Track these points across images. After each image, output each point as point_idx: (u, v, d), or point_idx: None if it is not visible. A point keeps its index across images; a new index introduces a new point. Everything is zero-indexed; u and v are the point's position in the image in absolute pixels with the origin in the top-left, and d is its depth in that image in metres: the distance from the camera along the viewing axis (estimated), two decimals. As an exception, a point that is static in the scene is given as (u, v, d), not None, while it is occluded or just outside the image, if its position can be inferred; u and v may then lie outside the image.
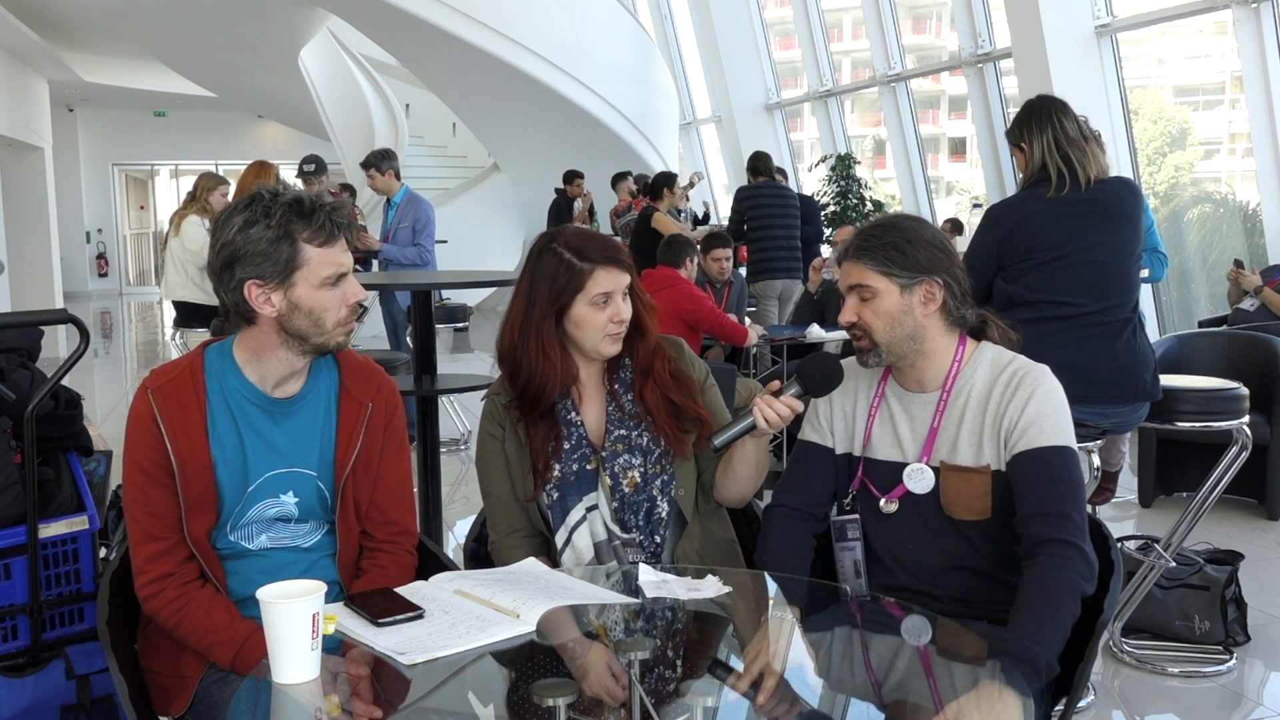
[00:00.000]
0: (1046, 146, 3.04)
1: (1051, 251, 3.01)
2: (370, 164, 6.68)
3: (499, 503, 2.05)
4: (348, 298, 1.79)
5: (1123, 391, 3.03)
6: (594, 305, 1.94)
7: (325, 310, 1.77)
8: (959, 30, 9.57)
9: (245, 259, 1.73)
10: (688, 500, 2.02)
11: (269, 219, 1.72)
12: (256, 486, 1.83)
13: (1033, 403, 1.83)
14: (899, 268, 1.87)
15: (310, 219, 1.74)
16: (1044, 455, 1.81)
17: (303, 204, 1.75)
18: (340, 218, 1.77)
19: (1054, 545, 1.75)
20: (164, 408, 1.78)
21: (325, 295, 1.76)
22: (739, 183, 9.38)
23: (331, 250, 1.76)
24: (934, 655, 1.64)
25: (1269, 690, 3.17)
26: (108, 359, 11.21)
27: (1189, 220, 8.95)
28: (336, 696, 1.45)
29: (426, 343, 3.83)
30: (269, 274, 1.73)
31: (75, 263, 18.29)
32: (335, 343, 1.81)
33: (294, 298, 1.75)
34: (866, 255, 1.89)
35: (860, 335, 1.92)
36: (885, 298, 1.88)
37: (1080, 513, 1.80)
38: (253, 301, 1.75)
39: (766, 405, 1.88)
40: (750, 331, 5.32)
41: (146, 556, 1.79)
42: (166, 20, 11.48)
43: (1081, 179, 3.00)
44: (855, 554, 1.96)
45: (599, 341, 1.96)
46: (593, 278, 1.93)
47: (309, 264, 1.74)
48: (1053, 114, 3.07)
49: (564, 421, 2.01)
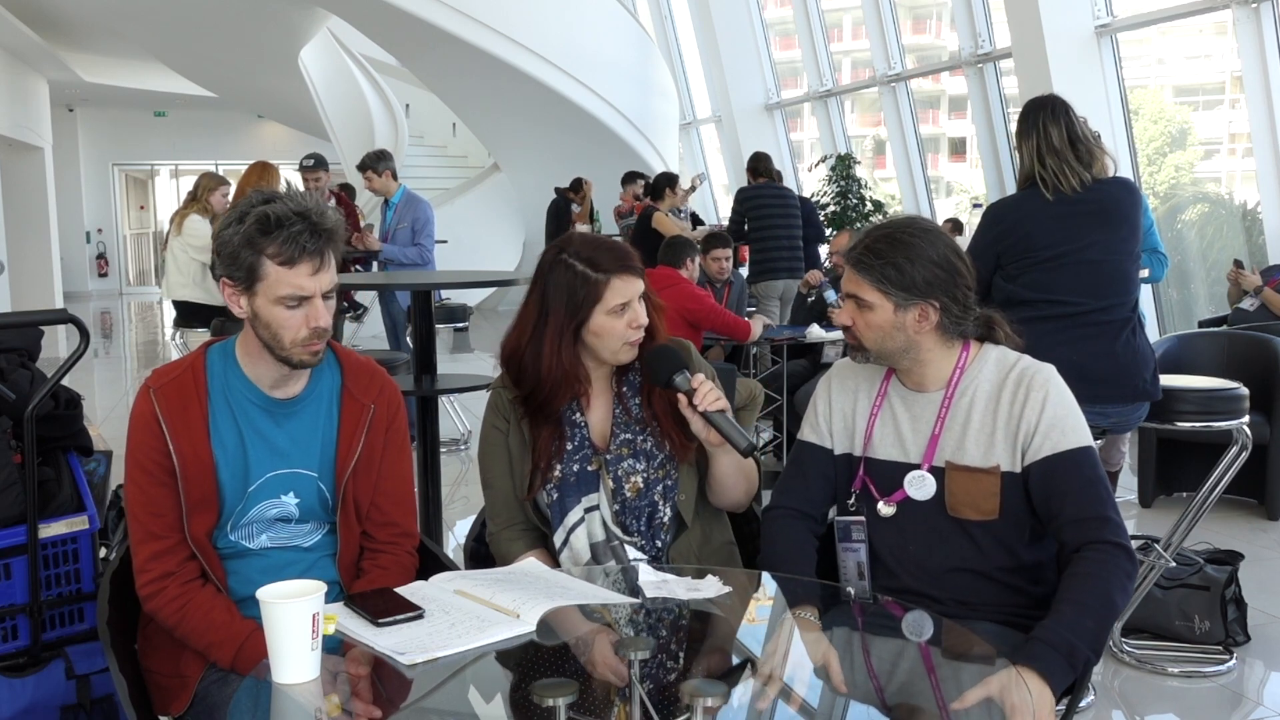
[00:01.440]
0: (1032, 153, 3.06)
1: (1048, 251, 3.01)
2: (367, 166, 6.66)
3: (499, 495, 2.04)
4: (309, 320, 1.75)
5: (1123, 391, 3.03)
6: (612, 314, 1.92)
7: (282, 328, 1.75)
8: (959, 30, 9.57)
9: (221, 257, 1.75)
10: (688, 505, 2.01)
11: (241, 224, 1.72)
12: (257, 487, 1.83)
13: (1049, 406, 1.83)
14: (895, 287, 1.85)
15: (272, 235, 1.70)
16: (1072, 457, 1.81)
17: (270, 219, 1.71)
18: (312, 242, 1.71)
19: (1102, 546, 1.75)
20: (166, 407, 1.78)
21: (283, 313, 1.74)
22: (739, 183, 9.38)
23: (293, 272, 1.72)
24: (936, 656, 1.64)
25: (1269, 690, 3.17)
26: (108, 359, 11.21)
27: (1189, 220, 8.95)
28: (336, 696, 1.45)
29: (426, 343, 3.83)
30: (236, 278, 1.75)
31: (75, 263, 18.29)
32: (297, 359, 1.78)
33: (255, 306, 1.75)
34: (865, 270, 1.88)
35: (853, 337, 1.93)
36: (879, 312, 1.87)
37: (1117, 512, 1.81)
38: (227, 299, 1.78)
39: (702, 404, 1.89)
40: (754, 324, 5.31)
41: (147, 556, 1.79)
42: (166, 20, 11.49)
43: (1065, 187, 3.00)
44: (859, 555, 1.96)
45: (618, 349, 1.95)
46: (609, 288, 1.91)
47: (267, 279, 1.73)
48: (1040, 120, 3.07)
49: (568, 422, 2.00)
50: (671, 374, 1.91)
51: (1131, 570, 1.76)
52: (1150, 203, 8.44)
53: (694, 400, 1.89)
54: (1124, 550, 1.76)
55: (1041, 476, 1.82)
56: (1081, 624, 1.67)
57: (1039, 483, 1.82)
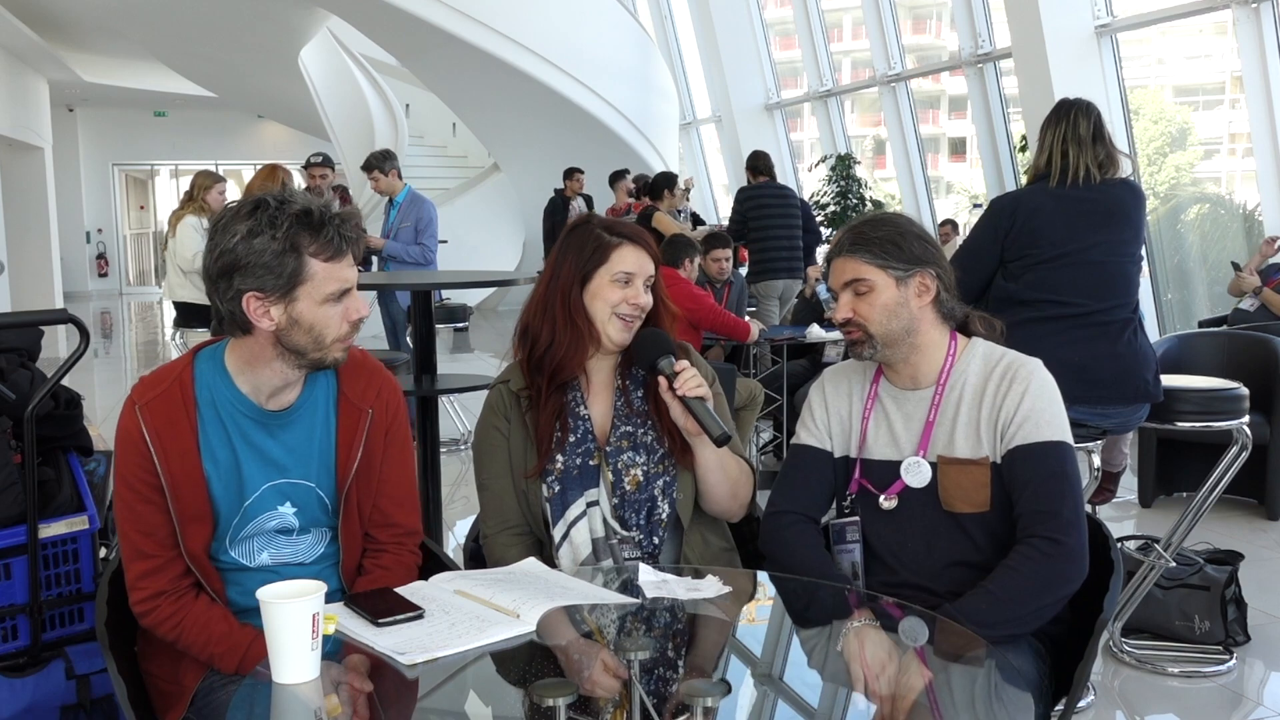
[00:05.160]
0: (1055, 139, 3.10)
1: (1053, 249, 3.02)
2: (372, 166, 6.66)
3: (495, 497, 2.03)
4: (349, 313, 1.73)
5: (1124, 392, 3.03)
6: (615, 282, 1.95)
7: (326, 327, 1.71)
8: (959, 30, 9.57)
9: (246, 269, 1.65)
10: (686, 505, 2.00)
11: (274, 229, 1.64)
12: (253, 500, 1.79)
13: (1028, 397, 1.84)
14: (895, 260, 1.89)
15: (319, 232, 1.67)
16: (1038, 450, 1.82)
17: (311, 215, 1.67)
18: (349, 231, 1.70)
19: (1039, 541, 1.77)
20: (152, 425, 1.72)
21: (327, 311, 1.70)
22: (739, 183, 9.38)
23: (338, 265, 1.69)
24: (931, 656, 1.64)
25: (1269, 690, 3.17)
26: (108, 359, 11.21)
27: (1189, 220, 8.95)
28: (336, 697, 1.45)
29: (426, 343, 3.83)
30: (270, 287, 1.66)
31: (75, 263, 18.29)
32: (332, 358, 1.75)
33: (295, 312, 1.68)
34: (862, 249, 1.91)
35: (855, 329, 1.93)
36: (882, 291, 1.89)
37: (1073, 508, 1.80)
38: (250, 314, 1.68)
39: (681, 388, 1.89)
40: (752, 326, 5.32)
41: (138, 574, 1.75)
42: (166, 20, 11.49)
43: (1080, 176, 3.03)
44: (854, 556, 1.97)
45: (607, 320, 1.96)
46: (618, 252, 1.96)
47: (314, 279, 1.68)
48: (1072, 111, 3.12)
49: (571, 414, 2.00)
50: (657, 356, 1.93)
51: (1066, 569, 1.77)
52: (1150, 203, 8.45)
53: (674, 384, 1.89)
54: (1061, 546, 1.76)
55: (1010, 466, 1.84)
56: (976, 607, 1.72)
57: (1008, 472, 1.84)
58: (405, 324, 6.32)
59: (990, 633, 1.66)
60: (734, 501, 2.03)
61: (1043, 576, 1.76)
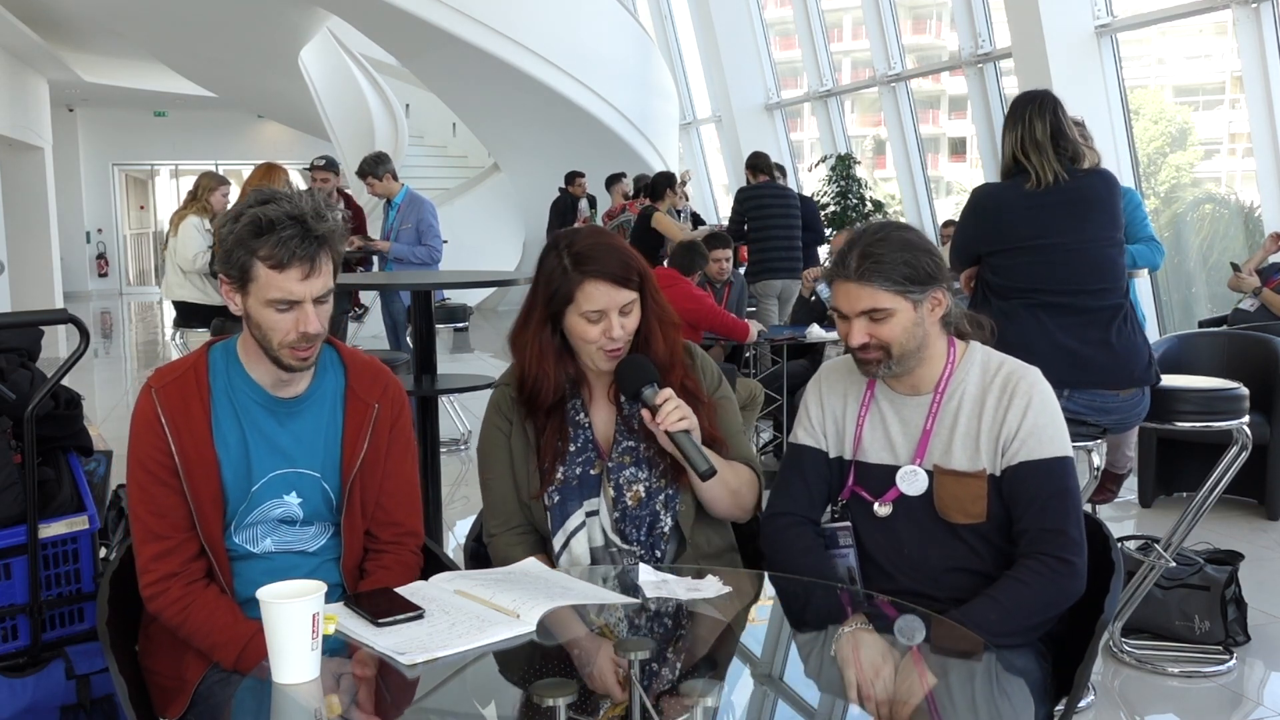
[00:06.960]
0: (1015, 144, 3.10)
1: (1028, 241, 3.03)
2: (366, 172, 6.62)
3: (498, 497, 2.02)
4: (298, 325, 1.74)
5: (1117, 377, 3.02)
6: (585, 319, 1.86)
7: (272, 330, 1.74)
8: (959, 30, 9.57)
9: (220, 253, 1.76)
10: (688, 516, 1.98)
11: (235, 223, 1.72)
12: (260, 487, 1.82)
13: (1030, 412, 1.84)
14: (912, 283, 1.84)
15: (263, 238, 1.69)
16: (1043, 467, 1.82)
17: (261, 222, 1.69)
18: (304, 247, 1.69)
19: (1047, 559, 1.78)
20: (168, 407, 1.78)
21: (273, 315, 1.73)
22: (739, 183, 9.38)
23: (283, 276, 1.71)
24: (928, 655, 1.63)
25: (1269, 690, 3.17)
26: (108, 359, 11.21)
27: (1189, 220, 8.94)
28: (336, 697, 1.45)
29: (426, 343, 3.83)
30: (231, 275, 1.75)
31: (75, 263, 18.28)
32: (285, 362, 1.77)
33: (248, 306, 1.76)
34: (877, 276, 1.83)
35: (875, 351, 1.87)
36: (900, 316, 1.85)
37: (1077, 526, 1.81)
38: (225, 296, 1.78)
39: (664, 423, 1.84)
40: (751, 327, 5.32)
41: (150, 556, 1.78)
42: (166, 20, 11.48)
43: (1049, 179, 3.03)
44: (849, 560, 1.95)
45: (593, 354, 1.91)
46: (581, 290, 1.85)
47: (258, 281, 1.72)
48: (1026, 113, 3.09)
49: (572, 422, 1.98)
50: (640, 386, 1.86)
51: (1070, 588, 1.79)
52: (1150, 203, 8.45)
53: (656, 418, 1.84)
54: (1067, 565, 1.78)
55: (1012, 482, 1.83)
56: (985, 616, 1.71)
57: (1010, 487, 1.84)
58: (406, 324, 6.32)
59: (994, 640, 1.66)
60: (739, 509, 2.01)
61: (1051, 593, 1.78)
